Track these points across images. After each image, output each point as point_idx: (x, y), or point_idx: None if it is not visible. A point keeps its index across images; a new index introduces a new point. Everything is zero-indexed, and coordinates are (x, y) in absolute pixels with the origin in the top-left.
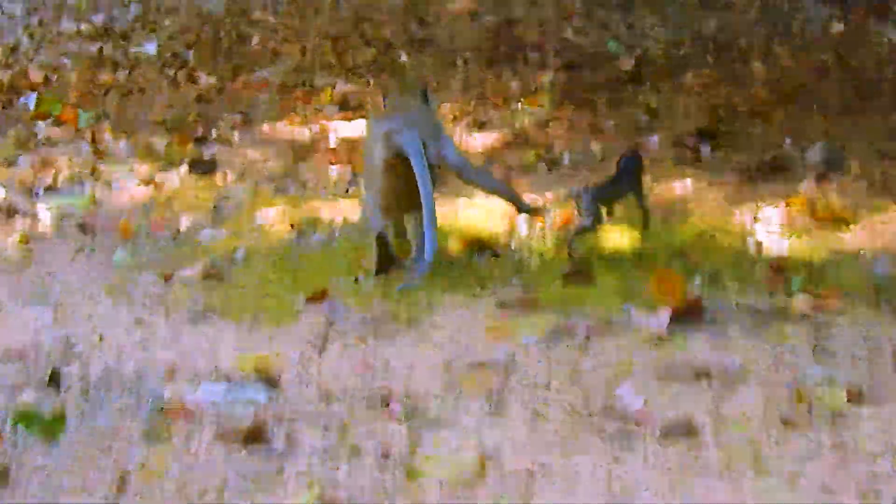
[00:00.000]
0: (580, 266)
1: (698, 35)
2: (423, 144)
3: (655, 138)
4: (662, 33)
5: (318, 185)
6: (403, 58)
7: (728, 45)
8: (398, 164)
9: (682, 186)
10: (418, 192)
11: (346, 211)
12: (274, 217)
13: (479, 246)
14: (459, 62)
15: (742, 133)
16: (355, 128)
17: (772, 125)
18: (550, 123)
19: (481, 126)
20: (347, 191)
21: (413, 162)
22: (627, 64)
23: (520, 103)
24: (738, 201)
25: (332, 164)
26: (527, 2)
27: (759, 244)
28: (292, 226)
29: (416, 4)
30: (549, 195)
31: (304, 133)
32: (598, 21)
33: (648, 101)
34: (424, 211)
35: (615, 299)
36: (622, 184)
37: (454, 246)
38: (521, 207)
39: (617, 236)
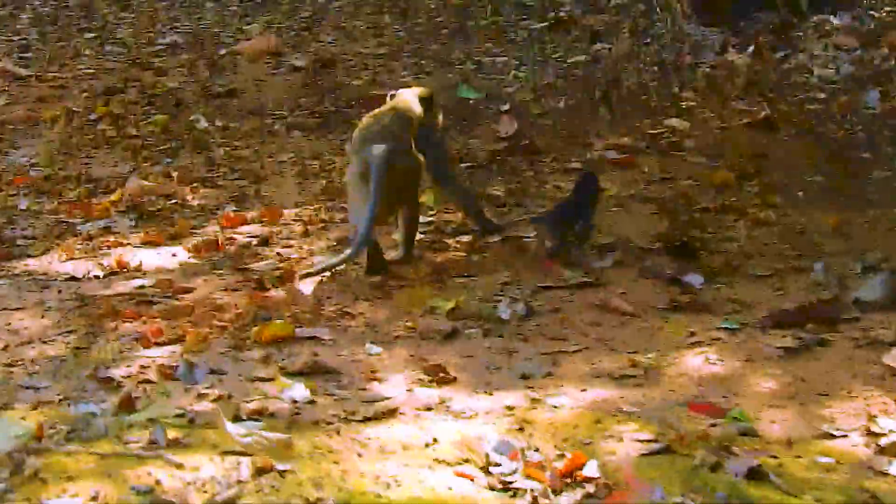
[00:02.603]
0: None
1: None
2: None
3: None
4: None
5: None
6: (202, 123)
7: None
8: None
9: None
10: (401, 196)
11: None
12: None
13: None
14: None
15: None
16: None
17: None
18: None
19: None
20: None
21: (371, 171)
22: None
23: None
24: None
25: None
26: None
27: None
28: None
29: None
30: None
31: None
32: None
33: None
34: (366, 210)
35: None
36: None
37: None
38: (482, 226)
39: None
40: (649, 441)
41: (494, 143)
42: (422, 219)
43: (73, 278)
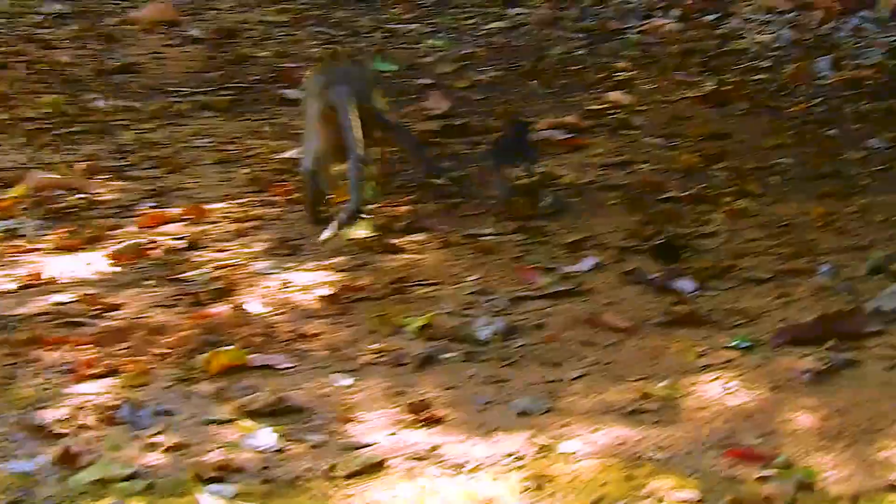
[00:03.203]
0: None
1: None
2: (355, 97)
3: None
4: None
5: None
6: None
7: None
8: (332, 116)
9: None
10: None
11: None
12: None
13: None
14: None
15: None
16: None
17: None
18: None
19: None
20: None
21: (339, 115)
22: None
23: None
24: None
25: None
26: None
27: None
28: None
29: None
30: None
31: None
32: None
33: None
34: (350, 161)
35: None
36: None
37: None
38: (428, 167)
39: None
40: (697, 502)
41: (425, 123)
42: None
43: None
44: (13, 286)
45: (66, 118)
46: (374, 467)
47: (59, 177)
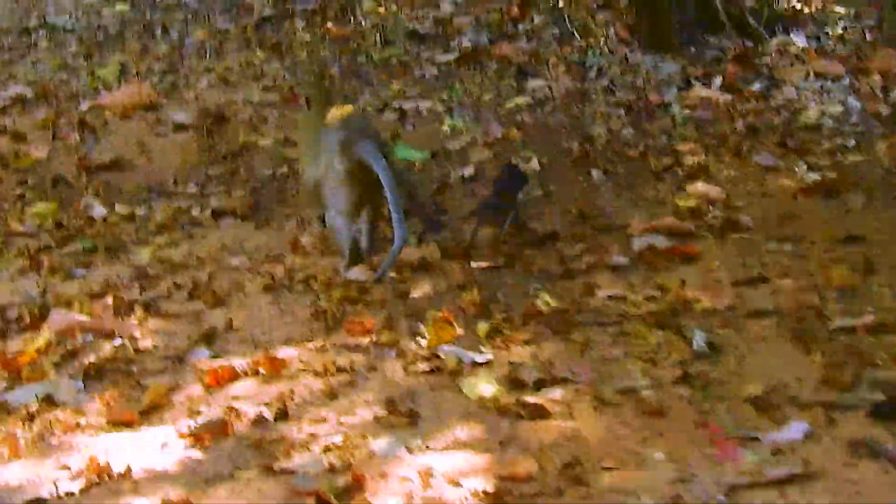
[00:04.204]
0: None
1: None
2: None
3: None
4: None
5: None
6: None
7: None
8: (357, 171)
9: None
10: (372, 190)
11: None
12: None
13: None
14: None
15: None
16: None
17: None
18: None
19: None
20: None
21: (377, 168)
22: None
23: None
24: None
25: None
26: None
27: None
28: None
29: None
30: None
31: None
32: None
33: None
34: (391, 206)
35: None
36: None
37: None
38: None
39: None
40: None
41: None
42: None
43: (39, 501)
44: (73, 485)
45: (64, 232)
46: None
47: (84, 318)
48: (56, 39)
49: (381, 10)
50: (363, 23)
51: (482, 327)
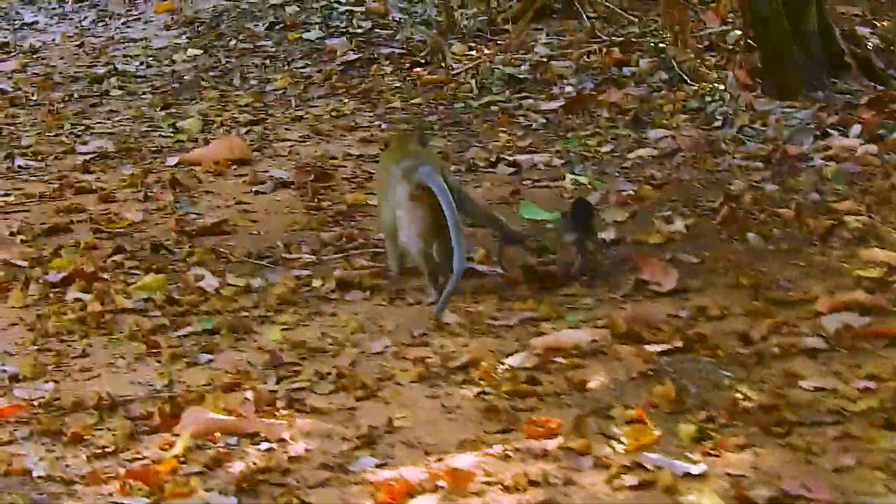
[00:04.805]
0: None
1: None
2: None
3: None
4: None
5: None
6: (211, 281)
7: None
8: (422, 196)
9: None
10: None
11: None
12: None
13: None
14: None
15: None
16: None
17: None
18: None
19: None
20: None
21: (435, 190)
22: None
23: None
24: None
25: None
26: None
27: None
28: None
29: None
30: None
31: None
32: None
33: None
34: (451, 232)
35: None
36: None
37: None
38: (508, 236)
39: None
40: None
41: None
42: None
43: None
44: None
45: (177, 308)
46: None
47: (222, 416)
48: (128, 88)
49: (473, 52)
50: (454, 67)
51: (684, 429)
